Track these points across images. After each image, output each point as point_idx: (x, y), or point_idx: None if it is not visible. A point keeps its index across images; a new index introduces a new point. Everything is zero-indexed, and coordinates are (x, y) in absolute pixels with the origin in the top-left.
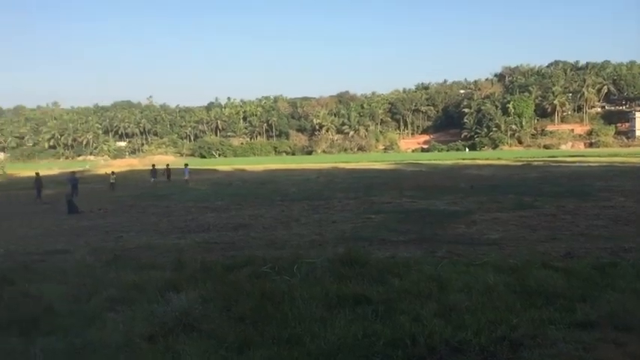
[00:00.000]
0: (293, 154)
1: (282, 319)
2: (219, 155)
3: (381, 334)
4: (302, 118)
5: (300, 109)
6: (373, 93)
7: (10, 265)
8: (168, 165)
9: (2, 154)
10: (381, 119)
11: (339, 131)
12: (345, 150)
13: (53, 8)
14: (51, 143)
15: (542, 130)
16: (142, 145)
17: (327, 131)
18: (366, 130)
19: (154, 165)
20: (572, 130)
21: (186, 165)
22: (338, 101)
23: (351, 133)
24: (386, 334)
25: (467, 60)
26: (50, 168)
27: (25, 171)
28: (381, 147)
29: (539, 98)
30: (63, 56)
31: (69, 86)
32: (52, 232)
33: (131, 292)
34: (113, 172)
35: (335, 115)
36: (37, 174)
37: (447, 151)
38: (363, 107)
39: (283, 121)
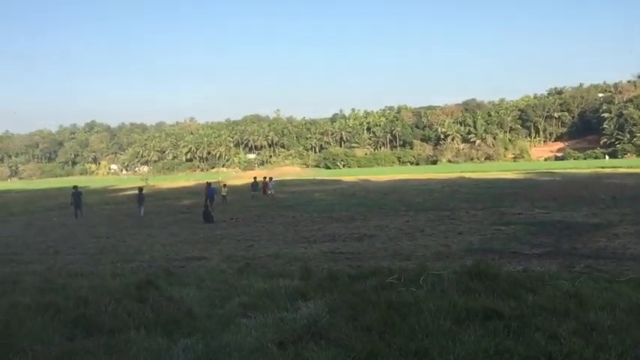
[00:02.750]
0: (417, 164)
1: (409, 331)
2: (344, 166)
3: (514, 351)
4: (426, 127)
5: (424, 119)
6: (501, 100)
7: (154, 271)
8: (265, 177)
9: (146, 167)
10: (510, 127)
11: (465, 140)
12: (472, 159)
13: (187, 31)
14: (188, 156)
15: None
16: (270, 157)
17: (452, 140)
18: (494, 138)
19: (255, 178)
20: None
21: (270, 179)
22: (464, 109)
23: (478, 141)
24: (519, 351)
25: (605, 61)
26: (187, 180)
27: (166, 183)
28: (510, 156)
29: None
30: (198, 74)
31: (204, 102)
32: (189, 240)
33: (262, 298)
34: (225, 185)
35: (461, 124)
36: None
37: (584, 159)
38: (490, 115)
39: (407, 130)
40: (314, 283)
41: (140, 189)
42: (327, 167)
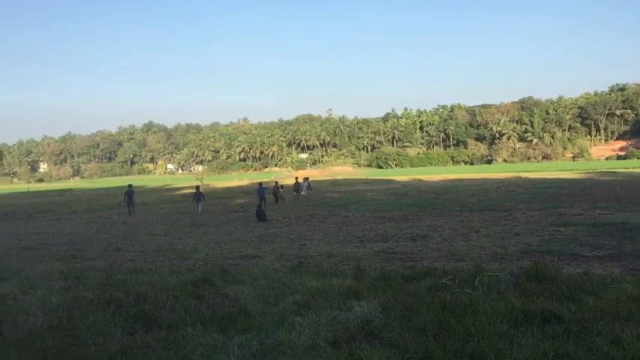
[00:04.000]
0: (471, 163)
1: (465, 333)
2: (396, 165)
3: (574, 356)
4: (481, 126)
5: (478, 117)
6: (560, 97)
7: (209, 268)
8: (307, 178)
9: (201, 166)
10: (569, 125)
11: (521, 139)
12: (528, 158)
13: (241, 33)
14: (241, 156)
15: None
16: (322, 156)
17: (508, 139)
18: (552, 137)
19: (296, 178)
20: None
21: (305, 179)
22: (520, 107)
23: (535, 140)
24: (580, 355)
25: None
26: (241, 179)
27: (220, 182)
28: (569, 155)
29: None
30: (252, 75)
31: (257, 102)
32: (243, 239)
33: (315, 297)
34: (282, 186)
35: (517, 122)
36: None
37: None
38: (548, 113)
39: (461, 129)
40: (367, 282)
41: (197, 187)
42: (379, 167)
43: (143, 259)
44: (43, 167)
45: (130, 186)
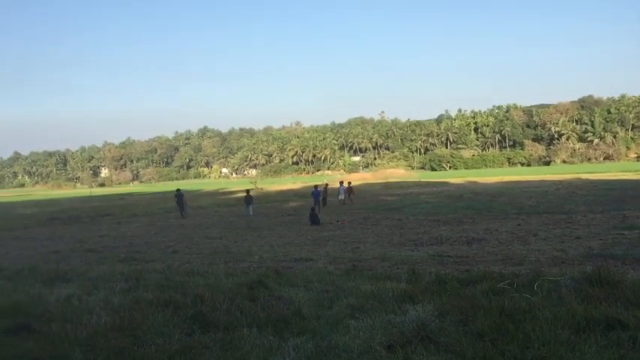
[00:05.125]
0: (528, 165)
1: (524, 339)
2: (450, 168)
3: None
4: (538, 126)
5: (535, 117)
6: (622, 96)
7: (264, 271)
8: (350, 182)
9: (254, 170)
10: (633, 124)
11: (581, 139)
12: (589, 159)
13: (293, 37)
14: (294, 159)
15: None
16: (375, 159)
17: (567, 140)
18: (614, 137)
19: (341, 182)
20: None
21: (341, 183)
22: (580, 107)
23: (596, 140)
24: None
25: None
26: (294, 182)
27: (273, 185)
28: (632, 155)
29: None
30: (304, 78)
31: (309, 106)
32: (297, 242)
33: (369, 301)
34: (327, 185)
35: (576, 122)
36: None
37: None
38: (609, 112)
39: (517, 130)
40: (422, 286)
41: (247, 191)
42: (433, 169)
43: (199, 262)
44: (104, 172)
45: (178, 190)
